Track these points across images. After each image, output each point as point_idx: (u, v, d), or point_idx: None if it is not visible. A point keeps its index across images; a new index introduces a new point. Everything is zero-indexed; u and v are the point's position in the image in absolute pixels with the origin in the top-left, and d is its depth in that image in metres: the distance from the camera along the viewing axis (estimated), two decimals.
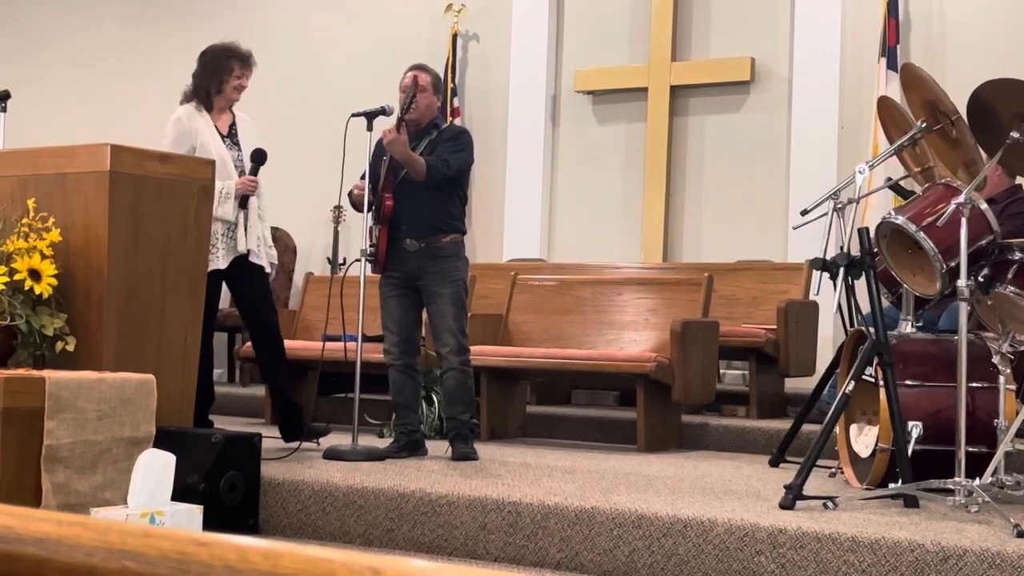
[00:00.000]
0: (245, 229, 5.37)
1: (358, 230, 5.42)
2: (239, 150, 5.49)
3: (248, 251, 5.41)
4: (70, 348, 4.38)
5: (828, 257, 4.49)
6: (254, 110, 5.84)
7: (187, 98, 5.49)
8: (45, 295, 4.38)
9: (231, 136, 5.49)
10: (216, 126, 5.47)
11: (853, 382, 4.28)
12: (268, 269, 5.53)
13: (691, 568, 3.74)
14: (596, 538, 3.91)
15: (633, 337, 6.32)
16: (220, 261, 5.33)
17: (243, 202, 5.35)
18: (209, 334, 5.45)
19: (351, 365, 5.30)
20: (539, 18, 8.70)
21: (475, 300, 6.89)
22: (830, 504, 4.01)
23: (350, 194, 5.43)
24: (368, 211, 5.31)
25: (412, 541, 4.22)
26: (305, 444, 5.41)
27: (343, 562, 0.69)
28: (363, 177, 5.36)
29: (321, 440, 5.47)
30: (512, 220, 8.71)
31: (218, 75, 5.46)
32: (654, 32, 8.34)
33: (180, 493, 4.06)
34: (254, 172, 5.43)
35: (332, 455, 5.08)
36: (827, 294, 4.83)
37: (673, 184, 8.30)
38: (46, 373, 4.10)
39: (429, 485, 4.32)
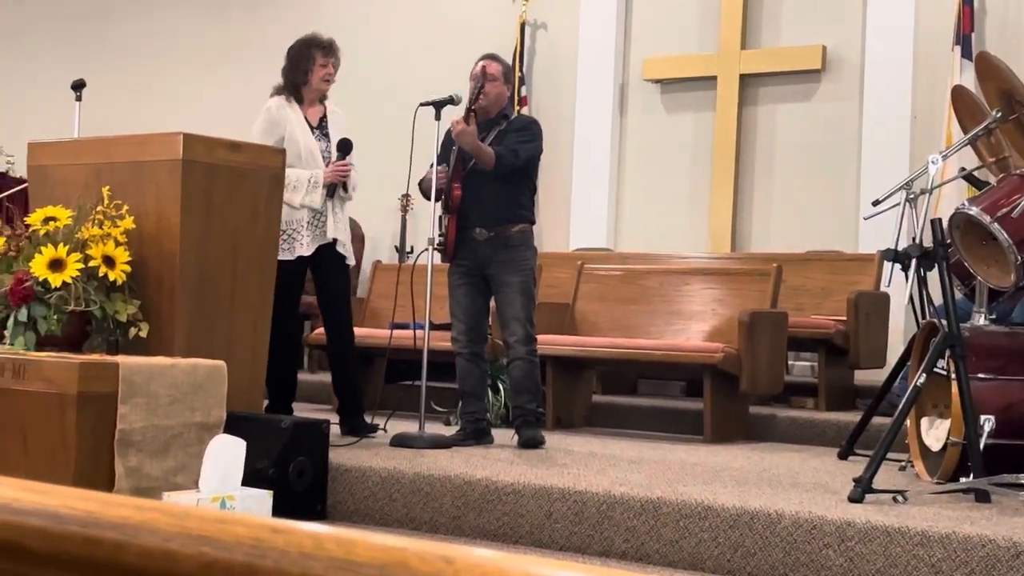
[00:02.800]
0: (334, 218, 5.43)
1: (426, 218, 5.45)
2: (328, 141, 5.54)
3: (335, 240, 5.45)
4: (143, 334, 4.45)
5: (900, 248, 4.44)
6: None
7: (277, 92, 5.56)
8: (119, 282, 4.45)
9: (321, 127, 5.54)
10: (306, 117, 5.52)
11: (925, 375, 4.22)
12: (350, 261, 5.57)
13: (758, 560, 3.72)
14: (662, 529, 3.90)
15: (700, 327, 6.29)
16: (305, 248, 5.37)
17: (331, 191, 5.40)
18: (297, 321, 5.48)
19: (418, 353, 5.33)
20: (607, 6, 8.66)
21: (541, 289, 6.88)
22: (900, 498, 3.96)
23: (421, 180, 5.45)
24: (437, 199, 5.33)
25: (478, 529, 4.24)
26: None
27: (415, 551, 0.70)
28: (430, 167, 5.37)
29: (387, 427, 5.51)
30: (579, 209, 8.70)
31: (303, 67, 5.53)
32: (724, 20, 8.28)
33: (249, 478, 4.10)
34: (340, 161, 5.48)
35: (399, 442, 5.12)
36: (899, 285, 4.76)
37: (742, 173, 8.24)
38: (119, 358, 4.17)
39: (495, 473, 4.33)
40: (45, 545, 0.80)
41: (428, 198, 5.41)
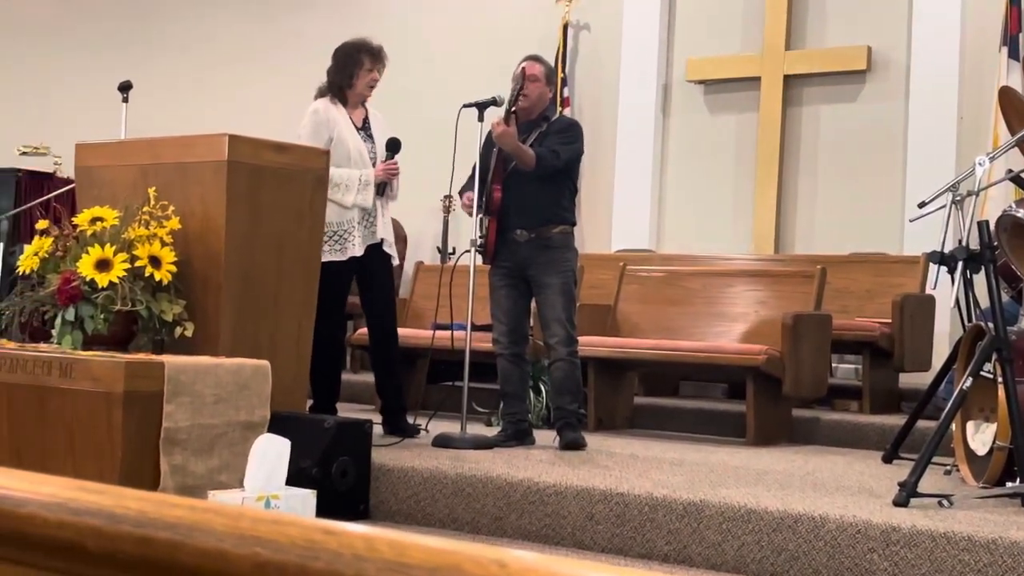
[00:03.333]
0: (382, 217, 5.47)
1: (468, 219, 5.46)
2: (373, 142, 5.57)
3: (382, 240, 5.48)
4: (188, 334, 4.48)
5: (946, 250, 4.40)
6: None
7: (321, 93, 5.57)
8: (165, 281, 4.48)
9: (365, 129, 5.57)
10: (351, 119, 5.55)
11: (971, 378, 4.19)
12: (396, 260, 5.60)
13: (801, 564, 3.70)
14: (704, 532, 3.89)
15: (743, 329, 6.26)
16: (357, 248, 5.39)
17: (380, 190, 5.43)
18: (343, 322, 5.48)
19: (460, 354, 5.34)
20: (651, 7, 8.64)
21: (583, 290, 6.88)
22: (945, 502, 3.93)
23: (463, 189, 5.47)
24: (478, 210, 5.33)
25: (520, 530, 4.24)
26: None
27: (468, 554, 0.70)
28: (473, 169, 5.38)
29: (429, 427, 5.52)
30: (621, 210, 8.68)
31: (349, 70, 5.54)
32: (768, 20, 8.24)
33: (293, 478, 4.12)
34: (389, 160, 5.52)
35: (441, 443, 5.13)
36: (944, 288, 4.73)
37: (785, 175, 8.20)
38: (165, 358, 4.20)
39: (537, 475, 4.33)
40: (101, 544, 0.81)
41: (470, 214, 5.41)
